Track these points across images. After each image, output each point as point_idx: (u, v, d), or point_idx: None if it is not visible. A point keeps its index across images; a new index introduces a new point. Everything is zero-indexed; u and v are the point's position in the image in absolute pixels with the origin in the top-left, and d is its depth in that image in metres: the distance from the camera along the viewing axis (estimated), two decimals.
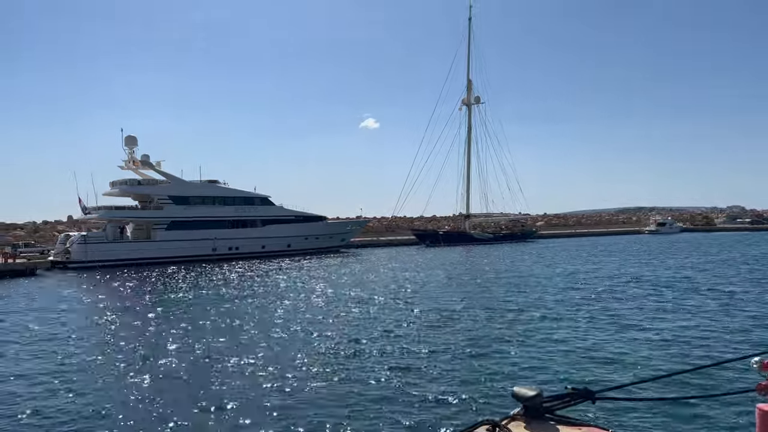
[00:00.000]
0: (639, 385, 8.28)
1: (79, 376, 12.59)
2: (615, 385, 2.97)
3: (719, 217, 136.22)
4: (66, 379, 12.34)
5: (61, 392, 11.39)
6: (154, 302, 24.82)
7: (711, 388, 10.10)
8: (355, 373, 12.11)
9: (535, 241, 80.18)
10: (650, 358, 12.73)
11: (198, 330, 17.72)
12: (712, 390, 9.96)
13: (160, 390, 11.30)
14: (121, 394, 11.15)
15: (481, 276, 33.00)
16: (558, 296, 23.31)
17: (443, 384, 11.09)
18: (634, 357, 12.86)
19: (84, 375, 12.74)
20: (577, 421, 2.16)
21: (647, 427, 8.57)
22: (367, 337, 15.78)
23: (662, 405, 9.08)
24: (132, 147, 53.66)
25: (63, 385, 11.85)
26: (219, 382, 11.69)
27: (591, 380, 10.88)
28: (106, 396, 11.10)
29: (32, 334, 18.11)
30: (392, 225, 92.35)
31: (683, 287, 25.49)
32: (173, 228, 52.20)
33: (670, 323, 16.92)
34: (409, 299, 23.47)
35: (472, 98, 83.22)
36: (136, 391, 11.24)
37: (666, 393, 9.49)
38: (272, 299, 24.52)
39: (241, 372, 12.49)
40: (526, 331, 16.13)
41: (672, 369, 11.35)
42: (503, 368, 12.16)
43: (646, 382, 9.36)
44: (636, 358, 12.80)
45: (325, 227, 63.59)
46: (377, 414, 9.51)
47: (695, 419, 8.82)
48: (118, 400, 10.78)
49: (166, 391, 11.21)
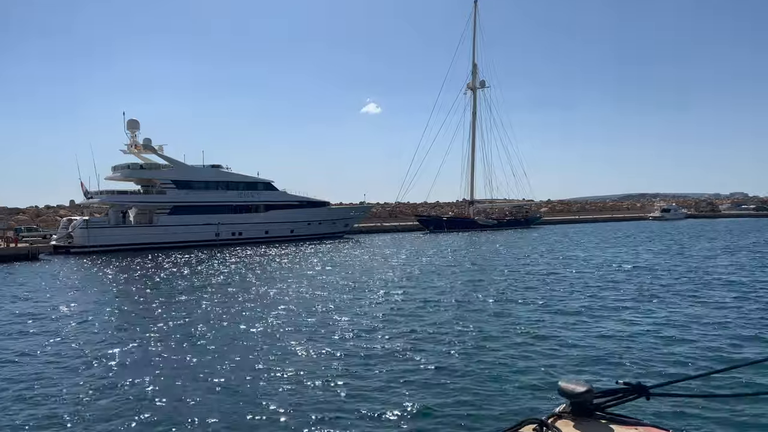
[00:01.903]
0: (697, 380, 7.68)
1: (74, 365, 12.25)
2: (670, 380, 2.63)
3: (723, 203, 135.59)
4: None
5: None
6: (152, 288, 24.49)
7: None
8: (398, 360, 11.71)
9: (539, 227, 79.71)
10: (713, 350, 11.70)
11: (195, 316, 17.37)
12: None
13: (159, 375, 10.95)
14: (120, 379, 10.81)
15: (519, 266, 32.56)
16: (599, 287, 22.56)
17: (477, 378, 10.45)
18: (688, 348, 11.90)
19: (75, 365, 12.39)
20: (631, 420, 1.93)
21: (711, 429, 7.65)
22: (416, 328, 15.40)
23: (727, 402, 8.23)
24: (134, 131, 53.07)
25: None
26: (221, 366, 11.34)
27: (634, 374, 10.00)
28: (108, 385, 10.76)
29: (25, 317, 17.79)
30: (396, 211, 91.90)
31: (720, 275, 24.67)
32: (176, 213, 51.80)
33: (734, 312, 15.98)
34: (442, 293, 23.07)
35: (478, 82, 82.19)
36: (133, 376, 10.90)
37: (732, 389, 8.61)
38: (290, 285, 24.18)
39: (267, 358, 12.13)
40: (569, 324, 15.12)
41: (735, 361, 10.53)
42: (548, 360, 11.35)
43: (707, 375, 8.59)
44: (692, 349, 11.84)
45: (328, 213, 63.11)
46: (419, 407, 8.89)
47: (762, 417, 7.86)
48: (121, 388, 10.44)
49: (165, 379, 10.86)
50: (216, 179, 55.06)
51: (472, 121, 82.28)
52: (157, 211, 51.64)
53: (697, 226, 75.37)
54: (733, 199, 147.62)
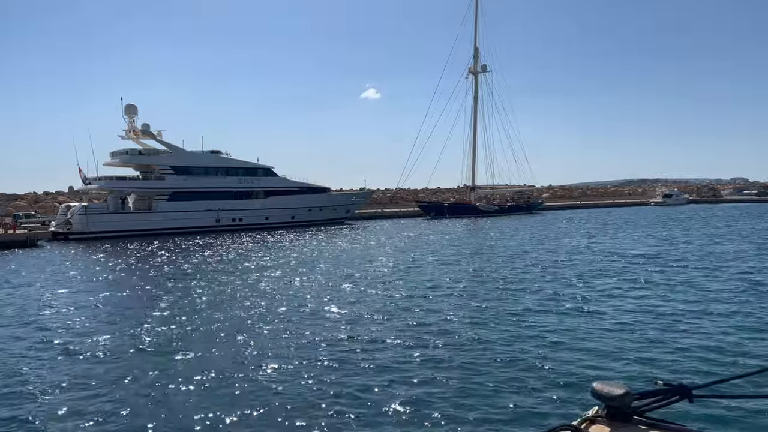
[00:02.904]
0: (743, 379, 6.96)
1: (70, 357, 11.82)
2: (714, 380, 2.36)
3: (725, 188, 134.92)
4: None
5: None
6: (147, 275, 24.04)
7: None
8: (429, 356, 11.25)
9: (541, 213, 79.20)
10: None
11: (189, 304, 16.94)
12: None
13: (158, 365, 10.53)
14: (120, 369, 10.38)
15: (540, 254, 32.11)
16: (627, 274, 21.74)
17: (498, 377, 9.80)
18: (730, 345, 10.85)
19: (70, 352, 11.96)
20: (672, 426, 1.78)
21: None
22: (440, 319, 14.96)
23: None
24: (132, 116, 52.40)
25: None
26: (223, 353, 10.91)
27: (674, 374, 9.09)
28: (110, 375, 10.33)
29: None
30: (397, 197, 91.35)
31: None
32: (175, 199, 51.32)
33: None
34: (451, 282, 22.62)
35: (479, 67, 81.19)
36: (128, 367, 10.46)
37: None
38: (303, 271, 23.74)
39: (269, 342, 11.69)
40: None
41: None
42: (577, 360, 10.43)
43: (757, 374, 7.79)
44: (732, 347, 10.78)
45: (329, 199, 62.62)
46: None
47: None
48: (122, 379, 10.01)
49: (163, 370, 10.44)
50: (215, 165, 54.48)
51: (474, 105, 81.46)
52: (156, 197, 51.15)
53: (700, 212, 74.80)
54: (734, 185, 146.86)
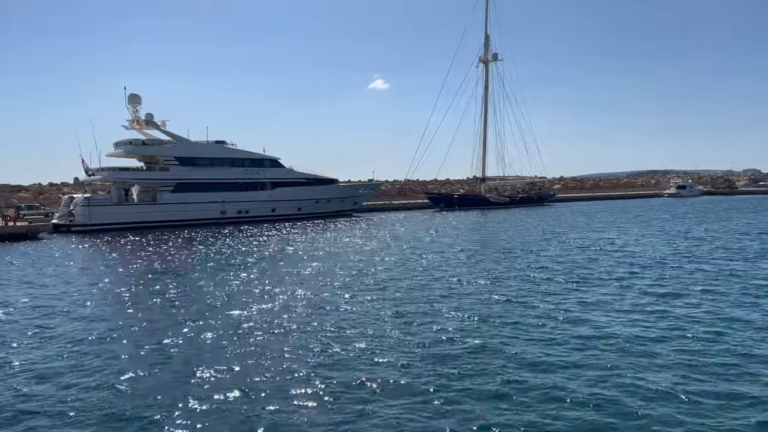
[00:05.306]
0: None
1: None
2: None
3: (740, 179, 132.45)
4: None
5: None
6: (148, 269, 22.97)
7: None
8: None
9: (553, 205, 77.55)
10: None
11: (191, 297, 15.82)
12: None
13: (158, 360, 9.42)
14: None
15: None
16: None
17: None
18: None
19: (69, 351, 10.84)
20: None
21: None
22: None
23: None
24: (135, 105, 51.22)
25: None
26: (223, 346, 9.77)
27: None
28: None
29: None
30: (405, 188, 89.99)
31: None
32: (180, 190, 50.25)
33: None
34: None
35: (490, 55, 79.42)
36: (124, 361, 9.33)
37: None
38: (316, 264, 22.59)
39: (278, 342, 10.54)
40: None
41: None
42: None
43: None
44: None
45: (336, 190, 61.31)
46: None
47: None
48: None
49: (161, 363, 9.33)
50: (221, 156, 53.34)
51: (484, 95, 79.75)
52: (160, 188, 50.08)
53: (717, 203, 72.86)
54: (749, 176, 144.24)
